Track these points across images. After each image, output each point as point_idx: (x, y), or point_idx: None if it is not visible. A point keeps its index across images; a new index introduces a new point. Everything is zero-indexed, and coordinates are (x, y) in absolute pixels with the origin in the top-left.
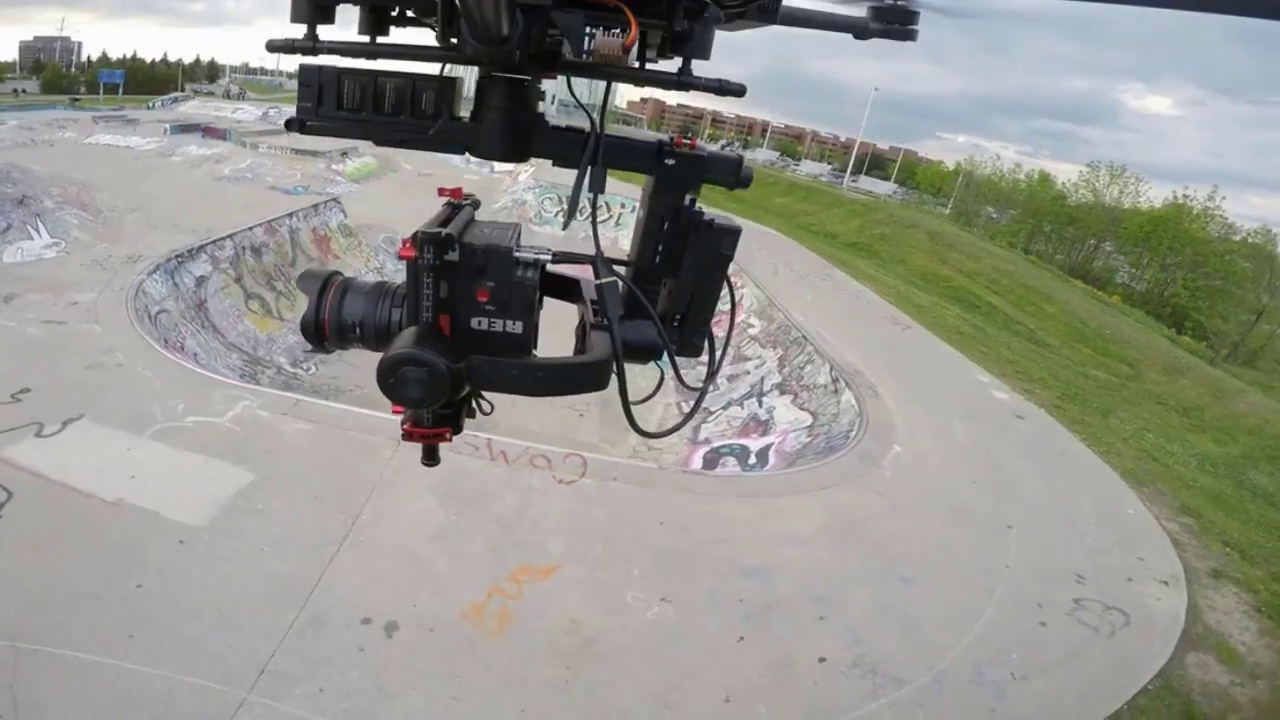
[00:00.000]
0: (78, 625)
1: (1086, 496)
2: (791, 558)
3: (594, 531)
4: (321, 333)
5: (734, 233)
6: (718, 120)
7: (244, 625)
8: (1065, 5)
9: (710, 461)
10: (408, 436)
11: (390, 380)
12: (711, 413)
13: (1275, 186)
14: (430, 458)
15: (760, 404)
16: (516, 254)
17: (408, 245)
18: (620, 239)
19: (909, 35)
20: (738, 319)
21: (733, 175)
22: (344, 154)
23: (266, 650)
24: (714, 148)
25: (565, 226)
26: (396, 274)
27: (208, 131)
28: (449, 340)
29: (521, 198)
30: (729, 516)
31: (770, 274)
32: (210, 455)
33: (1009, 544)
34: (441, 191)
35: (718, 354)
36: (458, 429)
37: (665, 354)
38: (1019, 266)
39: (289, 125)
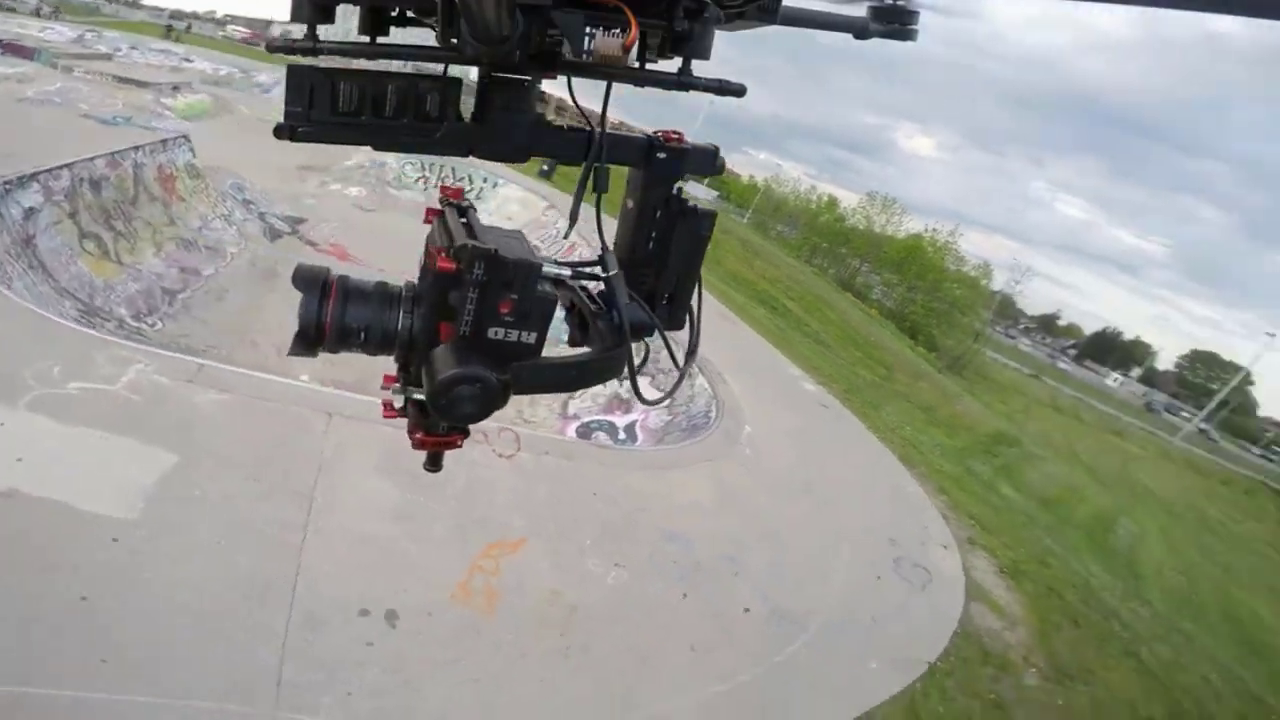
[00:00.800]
0: (31, 657)
1: (881, 475)
2: (700, 525)
3: (542, 505)
4: (321, 337)
5: (712, 216)
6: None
7: (232, 632)
8: (1060, 6)
9: (583, 435)
10: (420, 445)
11: (443, 401)
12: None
13: (993, 227)
14: (435, 464)
15: (621, 384)
16: (544, 270)
17: (445, 257)
18: (485, 211)
19: (909, 35)
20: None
21: (710, 164)
22: (175, 88)
23: (272, 658)
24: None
25: (567, 235)
26: (246, 222)
27: (9, 48)
28: (486, 351)
29: (381, 159)
30: (641, 489)
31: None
32: (111, 431)
33: (840, 514)
34: (443, 190)
35: (696, 326)
36: (467, 432)
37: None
38: (806, 276)
39: (278, 133)
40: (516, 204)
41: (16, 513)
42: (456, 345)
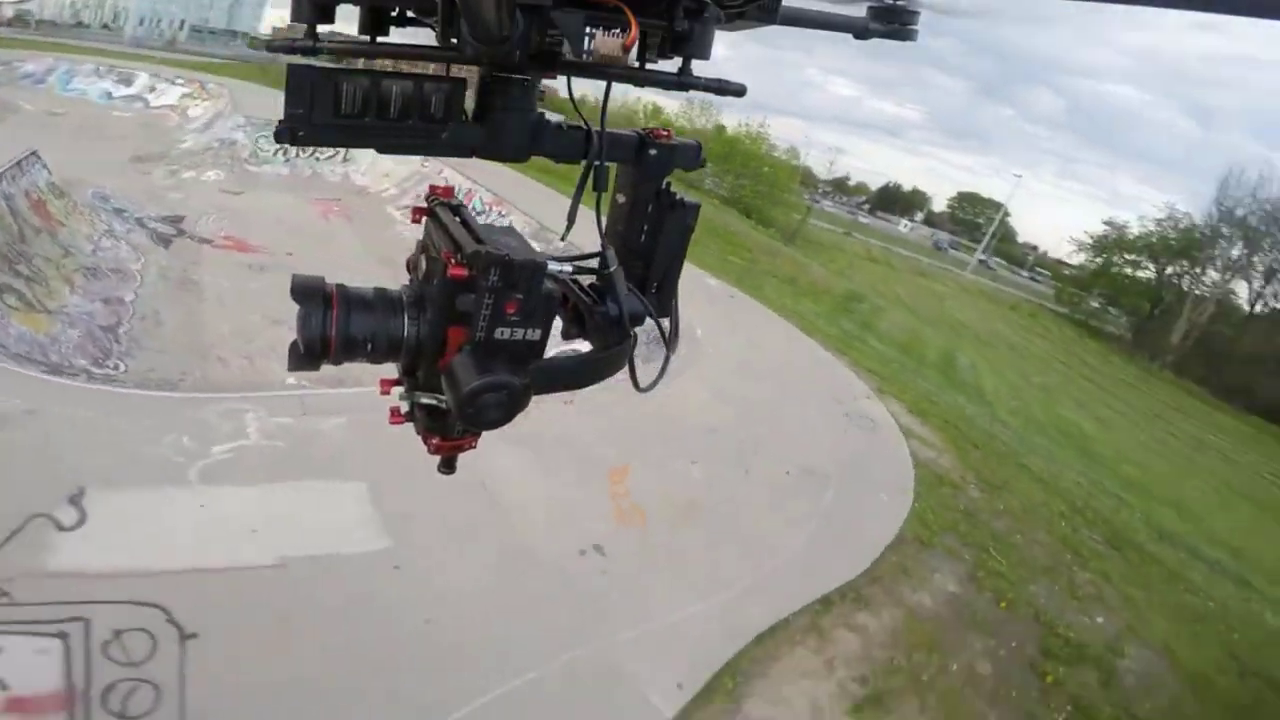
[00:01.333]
0: (450, 680)
1: (798, 347)
2: (717, 417)
3: (611, 434)
4: (325, 352)
5: (696, 207)
6: None
7: (532, 589)
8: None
9: None
10: (437, 451)
11: (471, 410)
12: None
13: (782, 110)
14: (450, 467)
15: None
16: (549, 268)
17: (455, 264)
18: (350, 172)
19: (909, 35)
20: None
21: (695, 158)
22: None
23: (563, 593)
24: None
25: (564, 237)
26: (130, 233)
27: None
28: (498, 352)
29: (230, 137)
30: (663, 400)
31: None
32: (287, 479)
33: (793, 385)
34: (432, 190)
35: (676, 313)
36: (479, 433)
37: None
38: None
39: (278, 137)
40: (391, 161)
41: (301, 579)
42: (475, 353)
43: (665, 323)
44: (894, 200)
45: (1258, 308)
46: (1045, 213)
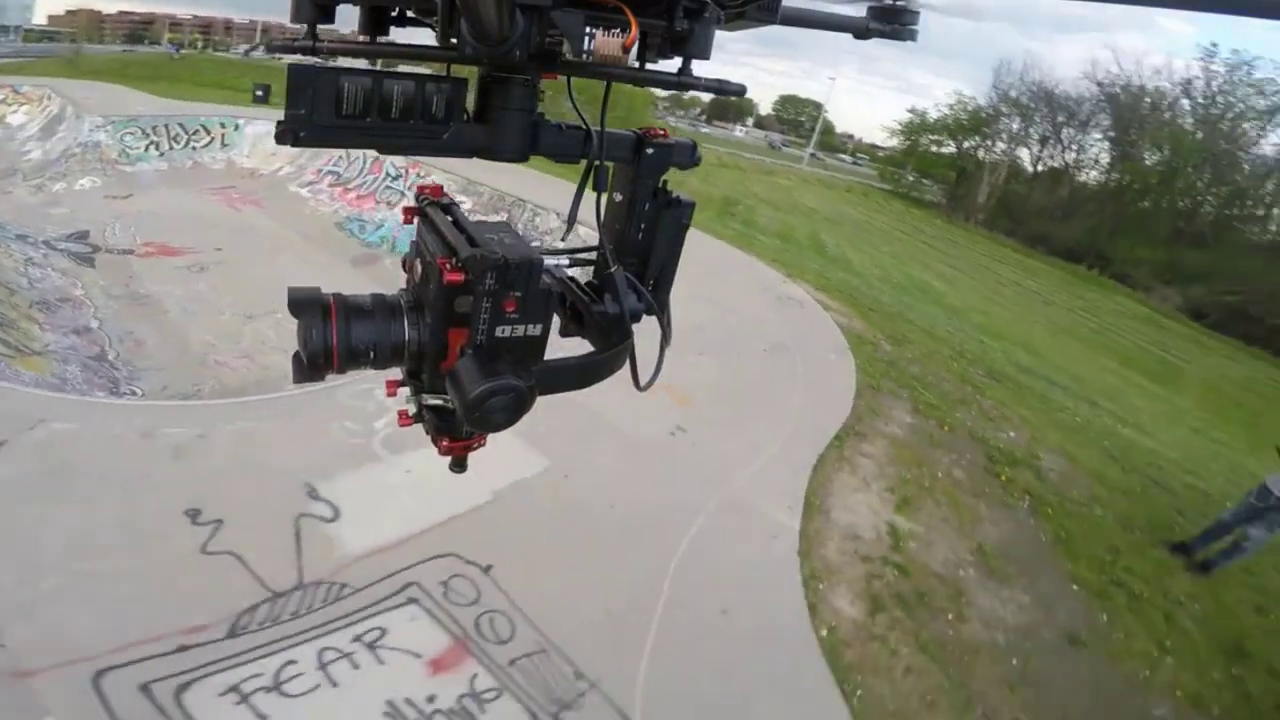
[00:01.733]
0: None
1: (715, 249)
2: (704, 312)
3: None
4: (329, 363)
5: (691, 205)
6: (175, 24)
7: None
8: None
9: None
10: (447, 451)
11: (478, 414)
12: None
13: None
14: (461, 466)
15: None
16: (546, 264)
17: (451, 269)
18: (232, 156)
19: (909, 35)
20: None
21: (689, 157)
22: None
23: (799, 481)
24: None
25: (565, 238)
26: (49, 258)
27: None
28: (500, 351)
29: (92, 139)
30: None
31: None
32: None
33: (732, 282)
34: (421, 190)
35: (668, 313)
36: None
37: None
38: None
39: (279, 138)
40: (271, 139)
41: (519, 500)
42: (478, 357)
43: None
44: (726, 109)
45: (1039, 167)
46: (856, 106)
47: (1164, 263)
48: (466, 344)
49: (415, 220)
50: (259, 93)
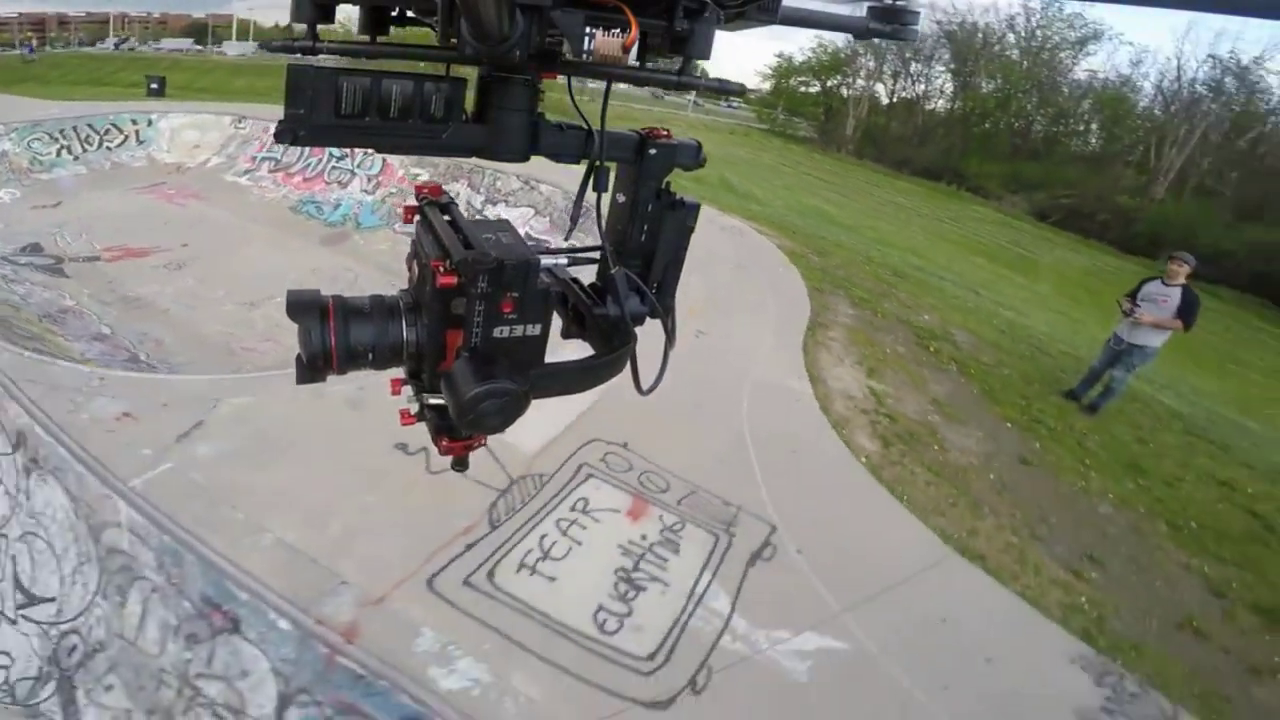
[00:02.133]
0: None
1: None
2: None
3: None
4: (329, 363)
5: (696, 207)
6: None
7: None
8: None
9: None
10: (447, 451)
11: (471, 417)
12: None
13: None
14: (463, 465)
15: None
16: (543, 264)
17: (444, 272)
18: (151, 153)
19: (910, 36)
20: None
21: (693, 158)
22: None
23: (796, 359)
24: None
25: (568, 237)
26: (20, 271)
27: None
28: (497, 353)
29: None
30: None
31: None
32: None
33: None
34: (419, 190)
35: (674, 316)
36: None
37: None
38: None
39: (279, 137)
40: (193, 131)
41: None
42: (473, 360)
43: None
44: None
45: (894, 100)
46: (731, 54)
47: (1008, 175)
48: (462, 346)
49: (414, 220)
50: (154, 85)
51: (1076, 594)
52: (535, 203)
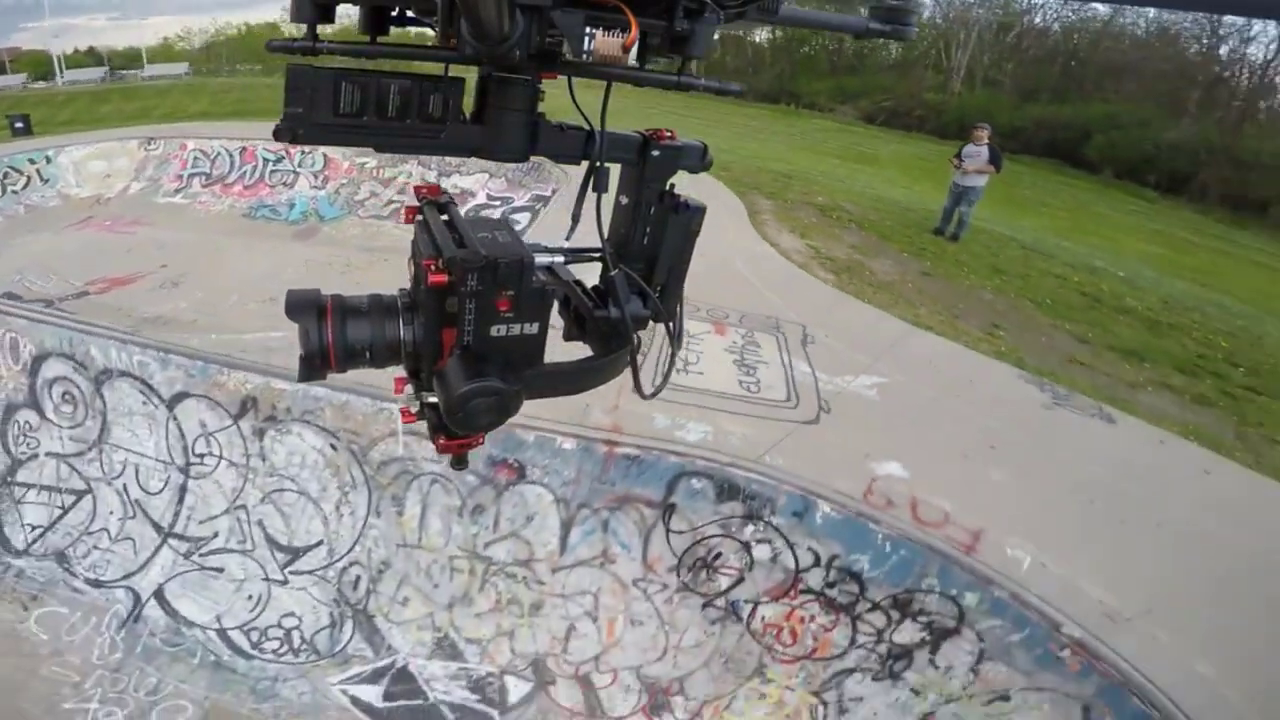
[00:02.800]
0: None
1: None
2: None
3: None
4: (327, 361)
5: (702, 211)
6: None
7: None
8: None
9: None
10: (444, 450)
11: (460, 415)
12: None
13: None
14: (461, 463)
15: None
16: (538, 262)
17: (435, 270)
18: (62, 190)
19: (908, 35)
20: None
21: (699, 160)
22: None
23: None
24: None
25: (569, 236)
26: (70, 308)
27: None
28: (495, 358)
29: None
30: None
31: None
32: None
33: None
34: (418, 190)
35: (680, 315)
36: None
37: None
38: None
39: (278, 135)
40: (99, 161)
41: None
42: (464, 358)
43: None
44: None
45: (721, 36)
46: None
47: (834, 89)
48: (455, 344)
49: (414, 220)
50: (18, 125)
51: (998, 345)
52: (488, 167)
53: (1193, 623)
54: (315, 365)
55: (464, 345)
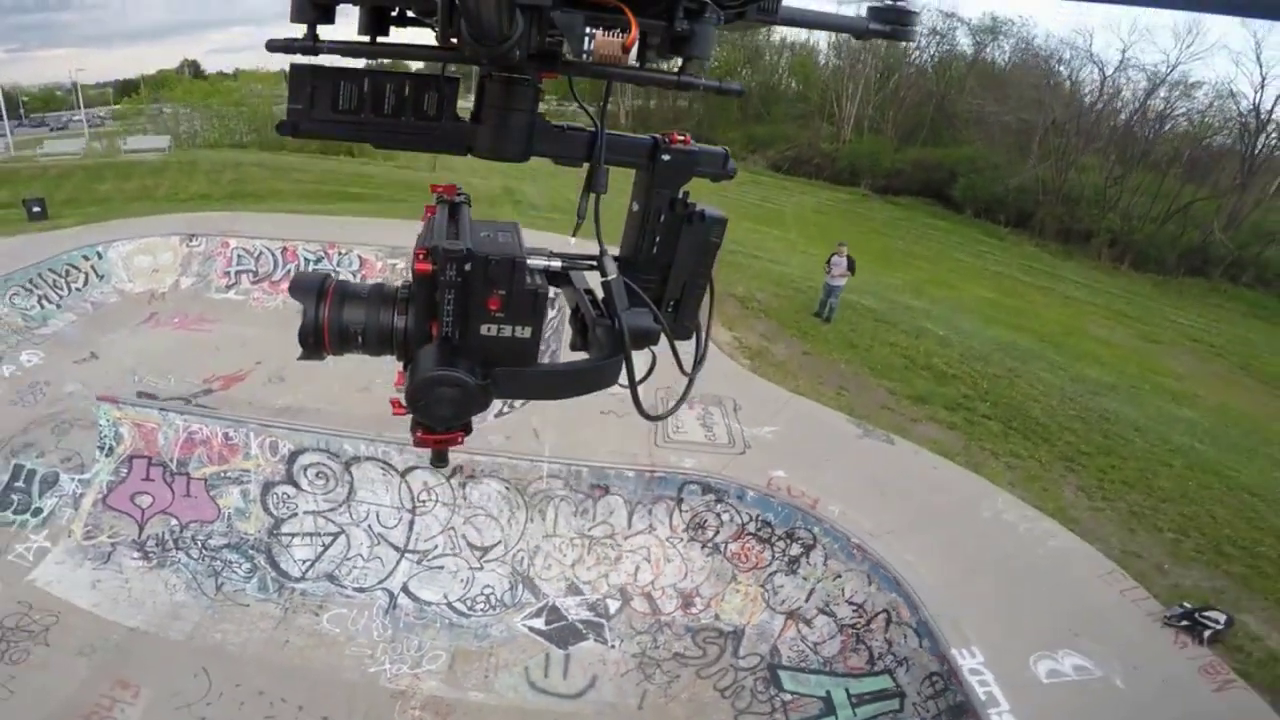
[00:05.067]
0: None
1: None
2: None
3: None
4: (321, 340)
5: (722, 222)
6: None
7: None
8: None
9: None
10: (420, 443)
11: (423, 402)
12: None
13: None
14: (441, 460)
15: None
16: (530, 264)
17: (422, 259)
18: (115, 285)
19: (908, 36)
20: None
21: (719, 167)
22: None
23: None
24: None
25: (575, 232)
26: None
27: None
28: (470, 351)
29: None
30: None
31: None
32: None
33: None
34: (434, 189)
35: (703, 336)
36: (469, 430)
37: (663, 338)
38: None
39: (280, 129)
40: (144, 256)
41: None
42: (440, 346)
43: (680, 344)
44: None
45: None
46: None
47: (745, 138)
48: (437, 334)
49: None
50: (35, 209)
51: (841, 401)
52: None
53: (908, 537)
54: (309, 344)
55: (445, 336)
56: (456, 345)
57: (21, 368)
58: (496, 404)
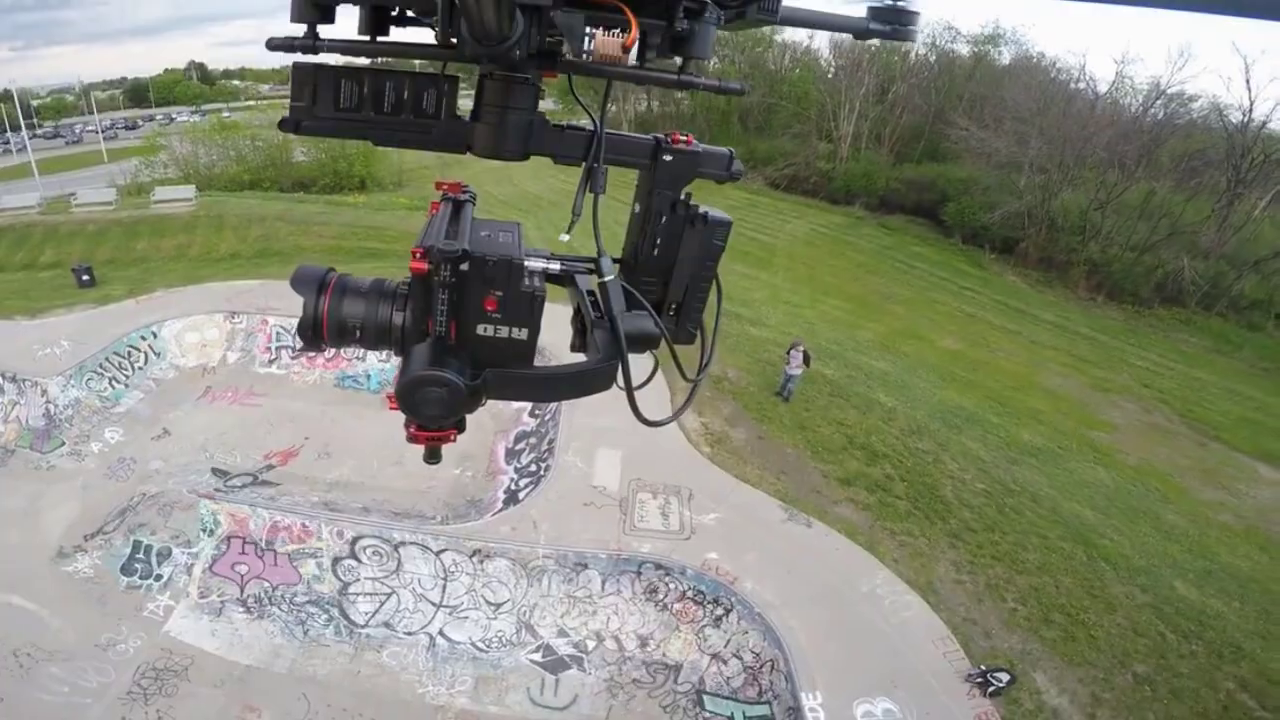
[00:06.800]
0: None
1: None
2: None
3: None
4: (320, 332)
5: (726, 225)
6: None
7: None
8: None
9: None
10: (414, 440)
11: (412, 400)
12: None
13: None
14: (434, 457)
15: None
16: (526, 265)
17: (419, 258)
18: (172, 362)
19: (908, 36)
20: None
21: (724, 169)
22: None
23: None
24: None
25: (570, 229)
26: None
27: None
28: (463, 351)
29: (69, 398)
30: None
31: None
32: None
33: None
34: (439, 185)
35: (709, 341)
36: (462, 428)
37: (663, 342)
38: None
39: (283, 125)
40: (193, 334)
41: None
42: (433, 345)
43: (676, 347)
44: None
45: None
46: None
47: (744, 153)
48: (430, 332)
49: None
50: (84, 277)
51: (778, 485)
52: None
53: (797, 607)
54: (309, 336)
55: (438, 334)
56: (450, 345)
57: (108, 444)
58: (500, 497)
